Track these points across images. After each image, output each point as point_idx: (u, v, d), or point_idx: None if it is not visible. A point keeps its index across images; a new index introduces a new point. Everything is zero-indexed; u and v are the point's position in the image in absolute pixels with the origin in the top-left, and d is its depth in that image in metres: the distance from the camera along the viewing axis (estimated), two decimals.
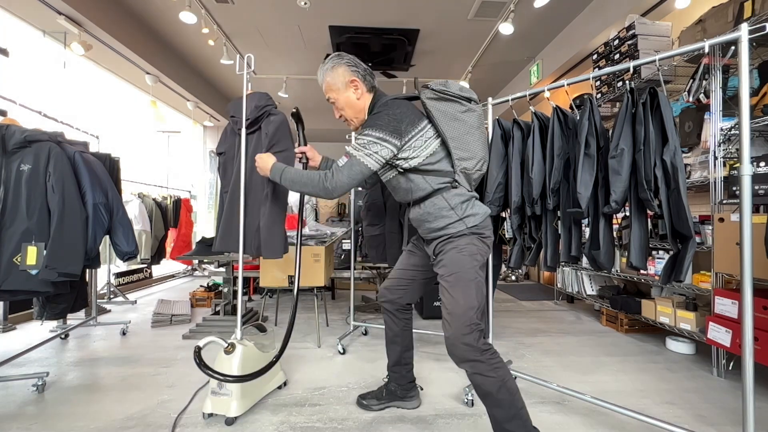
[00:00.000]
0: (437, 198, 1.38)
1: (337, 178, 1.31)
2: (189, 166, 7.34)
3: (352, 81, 1.45)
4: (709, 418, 1.70)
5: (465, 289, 1.29)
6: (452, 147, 1.36)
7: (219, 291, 3.99)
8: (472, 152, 1.41)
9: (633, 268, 1.56)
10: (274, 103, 1.91)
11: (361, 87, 1.46)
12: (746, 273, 1.22)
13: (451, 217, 1.36)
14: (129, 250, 2.25)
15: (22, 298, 2.37)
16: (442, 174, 1.37)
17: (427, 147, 1.35)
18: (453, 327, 1.26)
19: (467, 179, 1.43)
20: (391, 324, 1.74)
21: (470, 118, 1.40)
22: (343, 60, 1.46)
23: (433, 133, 1.37)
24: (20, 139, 1.81)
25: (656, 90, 1.46)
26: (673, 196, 1.42)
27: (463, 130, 1.38)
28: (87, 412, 1.74)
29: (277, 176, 1.46)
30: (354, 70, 1.45)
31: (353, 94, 1.46)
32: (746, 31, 1.25)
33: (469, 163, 1.40)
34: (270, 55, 4.75)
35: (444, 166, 1.37)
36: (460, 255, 1.33)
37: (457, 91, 1.40)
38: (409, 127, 1.34)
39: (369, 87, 1.48)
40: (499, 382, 1.24)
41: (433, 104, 1.38)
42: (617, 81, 2.88)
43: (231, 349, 1.69)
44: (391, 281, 1.73)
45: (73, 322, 2.94)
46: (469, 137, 1.39)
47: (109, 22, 3.46)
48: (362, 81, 1.46)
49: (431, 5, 3.66)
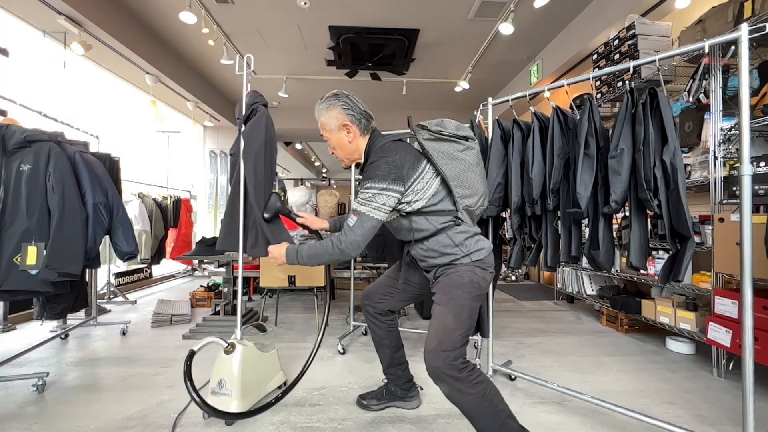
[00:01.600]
0: (441, 236, 1.36)
1: (351, 239, 1.29)
2: (189, 166, 7.34)
3: (344, 125, 1.44)
4: (709, 418, 1.70)
5: (457, 312, 1.29)
6: (453, 186, 1.35)
7: (219, 291, 3.99)
8: (474, 189, 1.40)
9: (633, 268, 1.56)
10: (263, 99, 1.90)
11: (353, 131, 1.44)
12: (746, 273, 1.22)
13: (456, 254, 1.36)
14: (129, 250, 2.25)
15: (22, 298, 2.37)
16: (444, 213, 1.36)
17: (428, 188, 1.34)
18: (436, 342, 1.25)
19: (470, 216, 1.43)
20: (374, 328, 1.75)
21: (469, 156, 1.40)
22: (339, 102, 1.43)
23: (432, 173, 1.36)
24: (20, 139, 1.81)
25: (656, 90, 1.46)
26: (672, 196, 1.42)
27: (462, 168, 1.37)
28: (87, 412, 1.74)
29: (294, 260, 1.41)
30: (348, 114, 1.43)
31: (345, 137, 1.45)
32: (746, 31, 1.25)
33: (471, 200, 1.40)
34: (270, 55, 4.75)
35: (446, 206, 1.36)
36: (460, 279, 1.33)
37: (453, 131, 1.39)
38: (410, 171, 1.32)
39: (363, 130, 1.46)
40: (479, 398, 1.23)
41: (431, 145, 1.36)
42: (617, 81, 2.88)
43: (231, 349, 1.69)
44: (376, 286, 1.74)
45: (73, 322, 2.95)
46: (469, 174, 1.39)
47: (109, 22, 3.46)
48: (356, 125, 1.44)
49: (431, 5, 3.66)
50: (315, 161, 12.15)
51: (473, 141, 1.44)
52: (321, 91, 5.86)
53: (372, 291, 1.74)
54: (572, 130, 1.73)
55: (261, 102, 1.82)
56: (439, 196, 1.35)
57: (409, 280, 1.67)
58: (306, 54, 4.72)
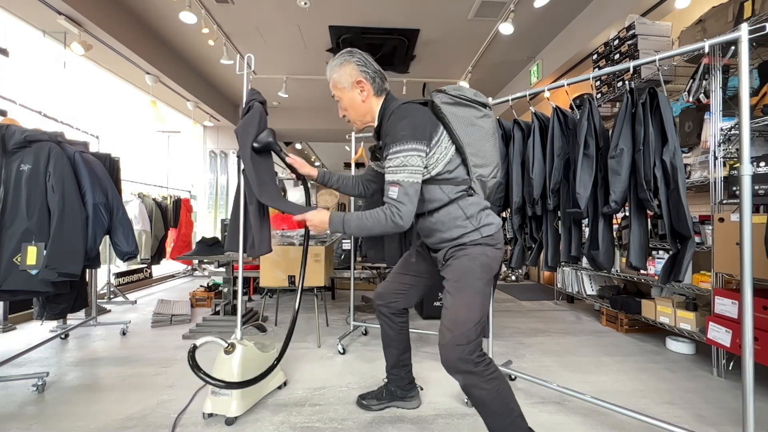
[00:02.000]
0: (452, 207, 1.31)
1: (404, 211, 1.22)
2: (189, 166, 7.34)
3: (358, 82, 1.38)
4: (709, 418, 1.70)
5: (470, 301, 1.24)
6: (468, 153, 1.30)
7: (219, 291, 3.99)
8: (488, 159, 1.36)
9: (633, 268, 1.56)
10: (259, 96, 1.88)
11: (367, 89, 1.39)
12: (746, 273, 1.22)
13: (466, 227, 1.30)
14: (129, 250, 2.25)
15: (22, 298, 2.37)
16: (458, 182, 1.31)
17: (445, 155, 1.29)
18: (450, 337, 1.22)
19: (482, 187, 1.38)
20: (386, 328, 1.71)
21: (486, 124, 1.36)
22: (353, 58, 1.38)
23: (448, 139, 1.31)
24: (20, 139, 1.81)
25: (656, 90, 1.46)
26: (672, 196, 1.42)
27: (479, 136, 1.33)
28: (87, 412, 1.74)
29: (340, 228, 1.33)
30: (362, 71, 1.37)
31: (358, 96, 1.39)
32: (746, 31, 1.25)
33: (485, 170, 1.36)
34: (270, 55, 4.75)
35: (460, 174, 1.32)
36: (471, 264, 1.27)
37: (473, 96, 1.35)
38: (431, 133, 1.27)
39: (377, 90, 1.40)
40: (492, 393, 1.21)
41: (449, 109, 1.32)
42: (617, 81, 2.88)
43: (231, 349, 1.69)
44: (387, 285, 1.68)
45: (73, 322, 2.95)
46: (484, 143, 1.34)
47: (109, 22, 3.46)
48: (370, 83, 1.38)
49: (431, 5, 3.66)
50: (315, 161, 12.16)
51: (490, 110, 1.40)
52: (321, 91, 5.90)
53: (384, 291, 1.69)
54: (572, 130, 1.73)
55: (257, 99, 1.80)
56: (454, 164, 1.30)
57: (419, 271, 1.61)
58: (306, 54, 4.72)
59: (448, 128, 1.31)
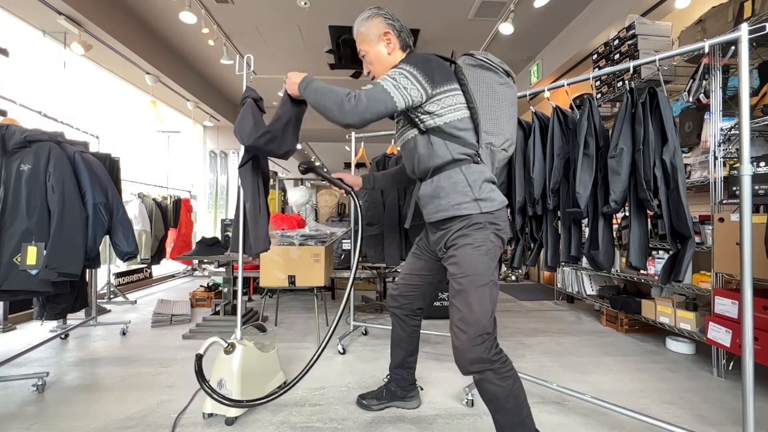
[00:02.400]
0: (454, 171, 1.25)
1: (363, 104, 1.15)
2: (189, 166, 7.34)
3: (385, 33, 1.36)
4: (709, 418, 1.70)
5: (480, 295, 1.18)
6: (482, 117, 1.27)
7: (219, 291, 3.99)
8: (501, 128, 1.31)
9: (633, 268, 1.56)
10: (253, 93, 1.86)
11: (394, 41, 1.37)
12: (746, 273, 1.22)
13: (466, 194, 1.23)
14: (129, 250, 2.25)
15: (22, 298, 2.37)
16: (465, 144, 1.26)
17: (456, 110, 1.25)
18: (464, 337, 1.17)
19: (491, 158, 1.31)
20: (398, 329, 1.68)
21: (506, 92, 1.34)
22: (381, 12, 1.38)
23: (464, 100, 1.27)
24: (20, 139, 1.81)
25: (656, 90, 1.46)
26: (672, 196, 1.42)
27: (495, 103, 1.30)
28: (87, 412, 1.74)
29: (303, 88, 1.29)
30: (390, 23, 1.37)
31: (384, 48, 1.37)
32: (746, 31, 1.25)
33: (497, 138, 1.30)
34: (270, 55, 4.75)
35: (469, 137, 1.27)
36: (476, 253, 1.21)
37: (498, 63, 1.36)
38: (442, 80, 1.23)
39: (403, 44, 1.39)
40: (506, 391, 1.18)
41: (471, 71, 1.32)
42: (617, 81, 2.88)
43: (231, 349, 1.69)
44: (400, 287, 1.65)
45: (73, 322, 2.95)
46: (500, 111, 1.31)
47: (109, 22, 3.46)
48: (396, 36, 1.37)
49: (431, 5, 3.66)
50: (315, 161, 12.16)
51: (514, 81, 1.38)
52: None
53: (398, 292, 1.65)
54: (572, 130, 1.73)
55: (251, 96, 1.78)
56: (464, 124, 1.26)
57: (426, 269, 1.57)
58: (306, 54, 4.72)
59: (465, 89, 1.28)
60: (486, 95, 1.31)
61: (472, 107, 1.28)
